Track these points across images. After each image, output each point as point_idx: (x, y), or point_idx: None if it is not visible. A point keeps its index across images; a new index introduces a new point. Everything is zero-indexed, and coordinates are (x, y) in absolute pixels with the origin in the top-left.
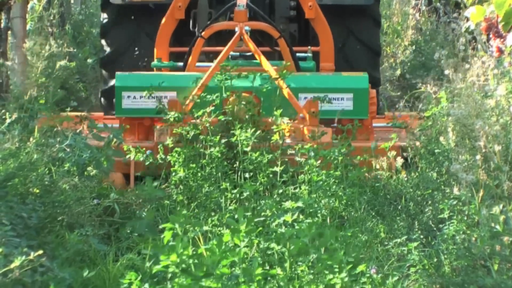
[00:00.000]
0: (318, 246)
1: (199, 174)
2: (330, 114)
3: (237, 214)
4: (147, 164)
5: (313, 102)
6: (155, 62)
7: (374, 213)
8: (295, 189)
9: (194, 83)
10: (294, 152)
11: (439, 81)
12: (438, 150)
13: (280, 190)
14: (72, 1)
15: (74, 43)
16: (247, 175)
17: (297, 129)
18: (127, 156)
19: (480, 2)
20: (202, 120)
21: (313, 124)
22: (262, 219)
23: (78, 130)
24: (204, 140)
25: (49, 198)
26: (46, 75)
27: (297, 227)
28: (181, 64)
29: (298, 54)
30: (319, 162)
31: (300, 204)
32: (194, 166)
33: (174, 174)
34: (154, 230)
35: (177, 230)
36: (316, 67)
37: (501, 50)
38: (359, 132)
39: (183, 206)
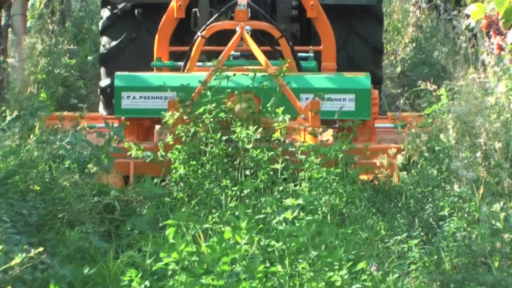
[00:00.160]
0: (318, 244)
1: (200, 172)
2: (332, 115)
3: (237, 211)
4: (148, 161)
5: (314, 100)
6: (155, 62)
7: (374, 210)
8: (296, 186)
9: (195, 84)
10: (294, 149)
11: (439, 78)
12: (438, 148)
13: (280, 188)
14: None
15: (75, 41)
16: (248, 173)
17: (298, 130)
18: (129, 153)
19: None
20: (203, 117)
21: (314, 124)
22: (262, 217)
23: (78, 128)
24: (204, 137)
25: (49, 195)
26: (47, 73)
27: (297, 224)
28: (181, 63)
29: (300, 54)
30: (320, 159)
31: (300, 201)
32: (194, 163)
33: (174, 171)
34: (154, 227)
35: (181, 226)
36: (318, 67)
37: (501, 48)
38: (361, 133)
39: (184, 204)
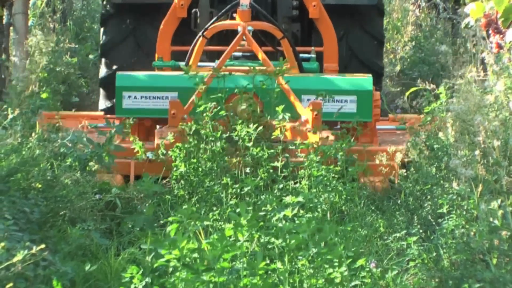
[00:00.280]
0: (318, 241)
1: (200, 169)
2: (333, 117)
3: (239, 208)
4: (150, 159)
5: (316, 101)
6: (157, 62)
7: (373, 208)
8: (296, 184)
9: (197, 84)
10: (294, 147)
11: (439, 77)
12: (437, 146)
13: (280, 185)
14: None
15: (76, 39)
16: (248, 170)
17: (299, 130)
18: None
19: None
20: (204, 115)
21: (316, 124)
22: (262, 214)
23: (80, 125)
24: (205, 135)
25: (51, 193)
26: (48, 71)
27: (297, 222)
28: (182, 63)
29: (302, 54)
30: (319, 157)
31: (300, 199)
32: (195, 161)
33: (175, 169)
34: (152, 225)
35: (183, 223)
36: (319, 68)
37: (500, 46)
38: (363, 134)
39: (184, 201)
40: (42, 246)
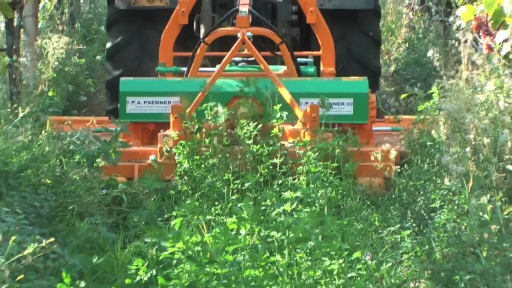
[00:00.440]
0: (318, 233)
1: (203, 166)
2: (331, 119)
3: (242, 203)
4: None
5: (313, 105)
6: (159, 67)
7: (369, 202)
8: (294, 180)
9: (198, 89)
10: (292, 144)
11: (431, 77)
12: (430, 143)
13: (279, 181)
14: (81, 0)
15: (84, 41)
16: (248, 167)
17: (297, 132)
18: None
19: (470, 1)
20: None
21: (313, 126)
22: (262, 209)
23: (87, 124)
24: (208, 133)
25: (60, 188)
26: (57, 71)
27: (295, 216)
28: (184, 69)
29: (299, 59)
30: (317, 154)
31: (299, 194)
32: (198, 158)
33: (179, 165)
34: (155, 219)
35: (187, 217)
36: (317, 72)
37: (490, 48)
38: (359, 136)
39: (188, 196)
40: (52, 239)
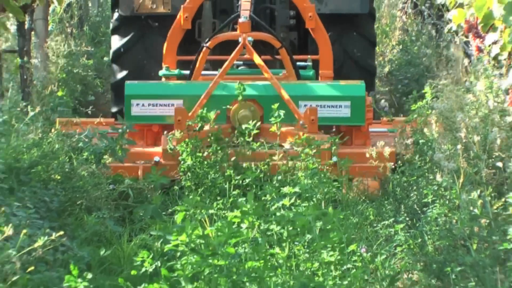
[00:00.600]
0: (318, 226)
1: (205, 162)
2: (329, 121)
3: (246, 198)
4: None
5: (312, 107)
6: (163, 71)
7: (364, 197)
8: (293, 176)
9: (201, 92)
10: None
11: (424, 77)
12: (422, 141)
13: (279, 177)
14: (90, 4)
15: (92, 43)
16: (249, 163)
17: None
18: None
19: (461, 5)
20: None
21: (312, 129)
22: (262, 203)
23: (96, 122)
24: (210, 132)
25: (69, 183)
26: (66, 72)
27: (294, 210)
28: (187, 72)
29: (298, 62)
30: (315, 151)
31: (297, 189)
32: (200, 155)
33: (182, 162)
34: (159, 213)
35: (189, 212)
36: (315, 75)
37: (480, 49)
38: (356, 137)
39: (191, 192)
40: (61, 232)
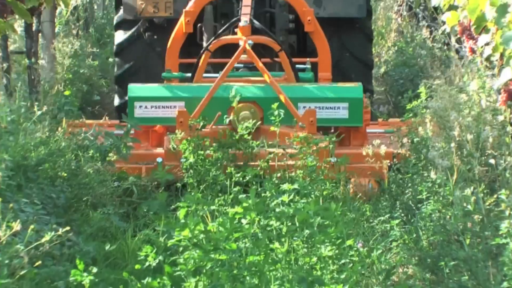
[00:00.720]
0: (317, 221)
1: (207, 160)
2: (327, 122)
3: (247, 194)
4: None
5: (310, 109)
6: (165, 73)
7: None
8: (292, 173)
9: (202, 94)
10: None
11: (418, 77)
12: (417, 139)
13: (278, 174)
14: (95, 7)
15: (97, 44)
16: (249, 161)
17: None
18: None
19: (454, 7)
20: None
21: (311, 130)
22: (263, 199)
23: (101, 120)
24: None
25: (75, 180)
26: (73, 72)
27: (293, 206)
28: (189, 75)
29: (298, 65)
30: (313, 149)
31: (296, 186)
32: (202, 152)
33: (185, 160)
34: (165, 209)
35: (191, 208)
36: (314, 77)
37: (473, 51)
38: (354, 138)
39: (193, 188)
40: (67, 228)
